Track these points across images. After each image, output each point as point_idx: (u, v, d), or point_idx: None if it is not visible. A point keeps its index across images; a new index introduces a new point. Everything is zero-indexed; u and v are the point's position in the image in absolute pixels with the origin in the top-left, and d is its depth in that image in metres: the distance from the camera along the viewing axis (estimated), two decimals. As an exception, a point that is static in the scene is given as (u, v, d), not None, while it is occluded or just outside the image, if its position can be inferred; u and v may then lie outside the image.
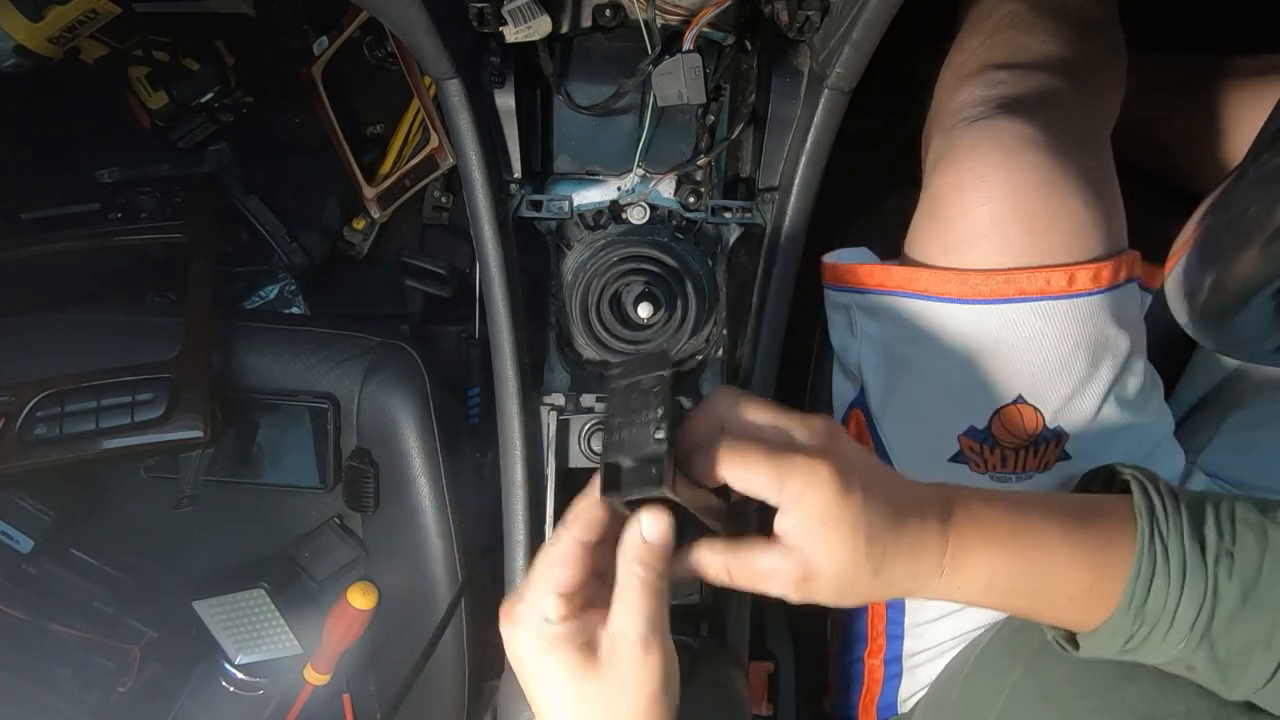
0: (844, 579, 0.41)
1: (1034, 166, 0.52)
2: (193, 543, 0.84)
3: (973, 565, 0.43)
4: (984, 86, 0.57)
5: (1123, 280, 0.54)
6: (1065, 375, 0.53)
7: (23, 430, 0.68)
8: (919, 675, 0.61)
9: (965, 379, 0.54)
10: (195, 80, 0.91)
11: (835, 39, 0.54)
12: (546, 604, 0.40)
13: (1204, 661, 0.43)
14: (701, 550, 0.42)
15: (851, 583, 0.41)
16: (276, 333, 0.79)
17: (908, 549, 0.42)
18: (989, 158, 0.52)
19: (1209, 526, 0.43)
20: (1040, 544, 0.43)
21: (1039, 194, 0.51)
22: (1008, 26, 0.61)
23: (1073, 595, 0.43)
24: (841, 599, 0.42)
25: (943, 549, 0.43)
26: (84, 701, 0.81)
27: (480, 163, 0.61)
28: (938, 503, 0.44)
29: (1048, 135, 0.52)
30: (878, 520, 0.41)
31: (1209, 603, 0.41)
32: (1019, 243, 0.52)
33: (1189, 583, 0.42)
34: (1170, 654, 0.43)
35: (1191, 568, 0.42)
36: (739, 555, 0.42)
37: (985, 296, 0.52)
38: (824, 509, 0.40)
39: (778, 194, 0.63)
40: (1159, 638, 0.43)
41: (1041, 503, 0.46)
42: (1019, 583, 0.43)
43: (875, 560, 0.41)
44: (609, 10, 0.62)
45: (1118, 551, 0.43)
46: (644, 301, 0.66)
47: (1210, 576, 0.42)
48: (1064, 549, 0.43)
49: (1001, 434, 0.54)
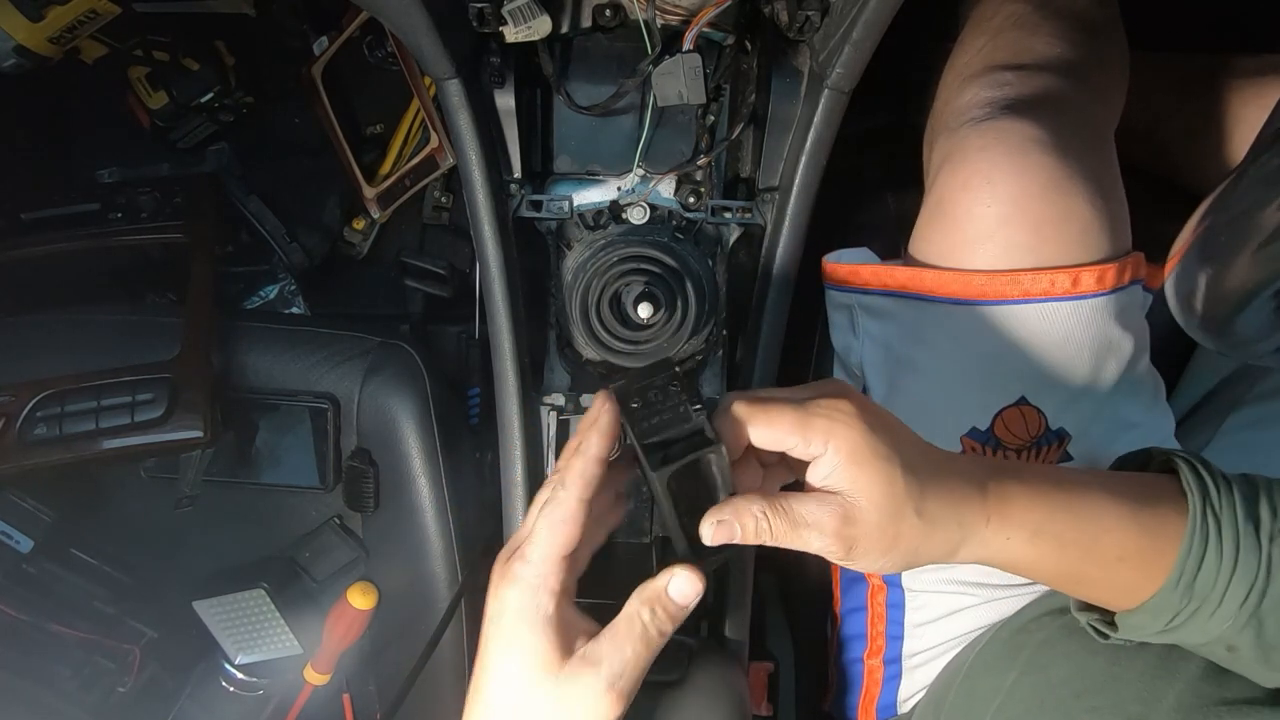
0: (886, 519, 0.40)
1: (1041, 168, 0.52)
2: (193, 543, 0.84)
3: (1019, 511, 0.42)
4: (990, 87, 0.57)
5: (1127, 282, 0.54)
6: (1068, 376, 0.53)
7: (23, 430, 0.68)
8: (918, 676, 0.61)
9: (968, 380, 0.55)
10: (195, 80, 0.91)
11: (835, 39, 0.54)
12: (548, 568, 0.40)
13: (1249, 642, 0.42)
14: (740, 505, 0.41)
15: (896, 524, 0.40)
16: (276, 333, 0.79)
17: (947, 491, 0.41)
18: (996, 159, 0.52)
19: (1263, 505, 0.42)
20: (1088, 500, 0.43)
21: (1046, 195, 0.51)
22: (1012, 27, 0.61)
23: (1123, 555, 0.42)
24: (888, 549, 0.40)
25: (984, 494, 0.41)
26: (84, 701, 0.80)
27: (480, 163, 0.61)
28: (973, 457, 0.44)
29: (1054, 136, 0.52)
30: (912, 453, 0.40)
31: (1261, 582, 0.41)
32: (1025, 244, 0.52)
33: (1242, 561, 0.41)
34: (1213, 634, 0.42)
35: (1245, 546, 0.41)
36: (777, 506, 0.41)
37: (989, 297, 0.52)
38: (853, 446, 0.39)
39: (778, 194, 0.63)
40: (1205, 616, 0.42)
41: (1085, 471, 0.45)
42: (1068, 534, 0.42)
43: (915, 495, 0.40)
44: (609, 10, 0.62)
45: (1168, 524, 0.42)
46: (644, 301, 0.66)
47: (1264, 555, 0.41)
48: (1113, 508, 0.42)
49: (1004, 435, 0.54)
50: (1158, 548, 0.42)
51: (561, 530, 0.41)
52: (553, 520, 0.41)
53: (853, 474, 0.39)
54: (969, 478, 0.42)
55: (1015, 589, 0.57)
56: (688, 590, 0.41)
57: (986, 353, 0.54)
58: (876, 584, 0.62)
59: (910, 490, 0.39)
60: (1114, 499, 0.42)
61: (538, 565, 0.40)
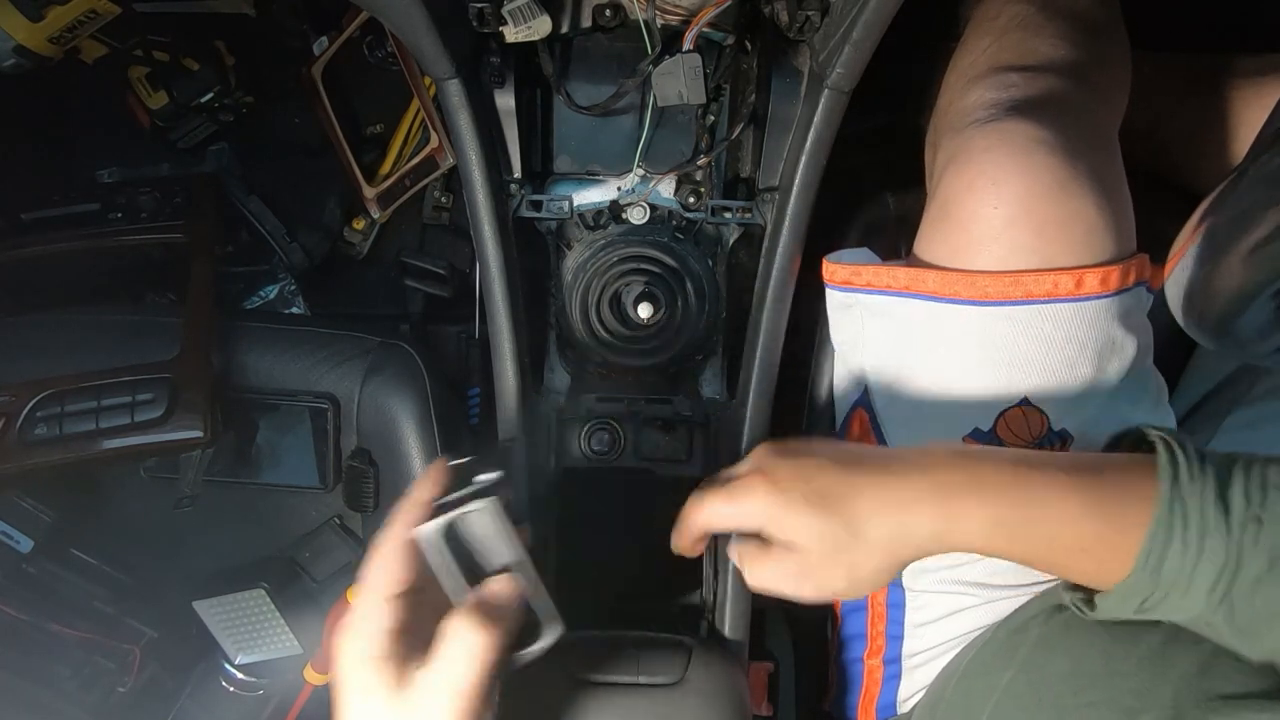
0: (829, 549, 0.45)
1: (1047, 169, 0.51)
2: (193, 543, 0.84)
3: (968, 511, 0.44)
4: (994, 88, 0.57)
5: (1131, 284, 0.54)
6: (1071, 378, 0.53)
7: (23, 430, 0.68)
8: (918, 676, 0.61)
9: (970, 381, 0.54)
10: (195, 80, 0.91)
11: (835, 39, 0.54)
12: (378, 610, 0.44)
13: (1222, 622, 0.43)
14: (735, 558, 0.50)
15: (843, 551, 0.45)
16: (276, 333, 0.79)
17: (881, 504, 0.45)
18: (1002, 160, 0.52)
19: (1235, 490, 0.42)
20: (1045, 493, 0.44)
21: (1052, 197, 0.51)
22: (1016, 28, 0.61)
23: (1084, 546, 0.43)
24: (849, 575, 0.46)
25: (925, 496, 0.44)
26: (84, 701, 0.80)
27: (480, 163, 0.61)
28: (915, 456, 0.46)
29: (1059, 137, 0.52)
30: (827, 482, 0.45)
31: (1230, 568, 0.41)
32: (1030, 245, 0.52)
33: (1208, 547, 0.41)
34: (1190, 613, 0.43)
35: (1212, 532, 0.41)
36: (747, 569, 0.49)
37: (992, 298, 0.52)
38: (770, 505, 0.46)
39: (778, 194, 0.63)
40: (1176, 599, 0.43)
41: (1053, 456, 0.46)
42: (1023, 530, 0.44)
43: (844, 518, 0.45)
44: (609, 10, 0.62)
45: (1135, 509, 0.42)
46: (644, 301, 0.66)
47: (1235, 542, 0.41)
48: (1074, 498, 0.43)
49: (1006, 436, 0.54)
50: (1123, 535, 0.42)
51: (384, 571, 0.45)
52: (375, 562, 0.46)
53: (782, 523, 0.46)
54: (903, 481, 0.45)
55: (1017, 589, 0.56)
56: (505, 592, 0.46)
57: (989, 354, 0.54)
58: (877, 583, 0.62)
59: (835, 515, 0.45)
60: (1078, 488, 0.43)
61: (364, 611, 0.44)
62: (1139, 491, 0.43)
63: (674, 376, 0.72)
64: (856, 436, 0.62)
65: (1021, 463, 0.45)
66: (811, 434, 0.70)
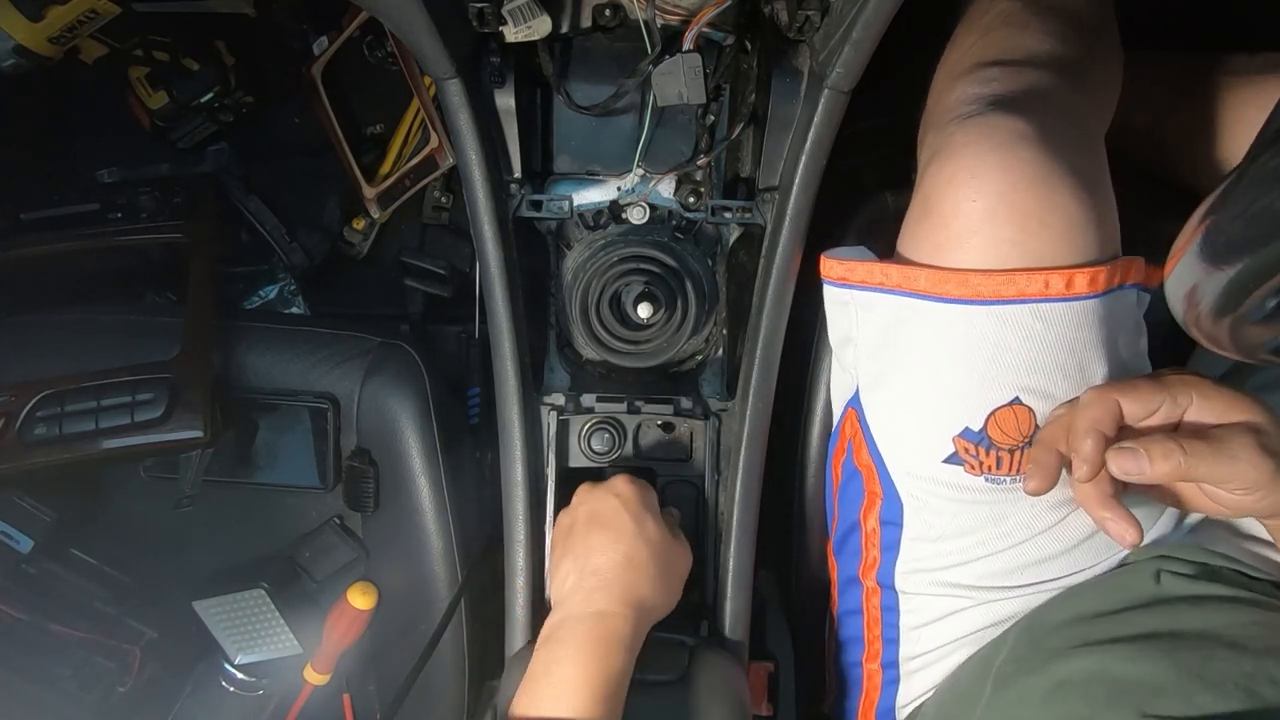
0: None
1: (1026, 162, 0.51)
2: (193, 543, 0.84)
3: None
4: (977, 84, 0.57)
5: (1118, 285, 0.53)
6: (1061, 377, 0.53)
7: (23, 430, 0.68)
8: (917, 680, 0.61)
9: (961, 379, 0.54)
10: (195, 80, 0.92)
11: (835, 39, 0.54)
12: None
13: None
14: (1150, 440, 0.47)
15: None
16: (276, 333, 0.79)
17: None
18: (981, 154, 0.52)
19: None
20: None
21: (1031, 190, 0.51)
22: (1002, 24, 0.60)
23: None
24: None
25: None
26: (84, 701, 0.80)
27: (480, 163, 0.61)
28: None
29: (1041, 131, 0.52)
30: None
31: None
32: (1010, 238, 0.52)
33: None
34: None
35: None
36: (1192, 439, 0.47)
37: (984, 297, 0.52)
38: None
39: (778, 194, 0.63)
40: None
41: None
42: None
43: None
44: (609, 10, 0.62)
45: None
46: (644, 301, 0.66)
47: None
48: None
49: (996, 435, 0.54)
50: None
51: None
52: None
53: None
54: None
55: (1009, 590, 0.56)
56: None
57: (980, 352, 0.54)
58: (871, 586, 0.62)
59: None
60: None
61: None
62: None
63: (674, 376, 0.73)
64: (848, 436, 0.62)
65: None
66: (811, 434, 0.70)
